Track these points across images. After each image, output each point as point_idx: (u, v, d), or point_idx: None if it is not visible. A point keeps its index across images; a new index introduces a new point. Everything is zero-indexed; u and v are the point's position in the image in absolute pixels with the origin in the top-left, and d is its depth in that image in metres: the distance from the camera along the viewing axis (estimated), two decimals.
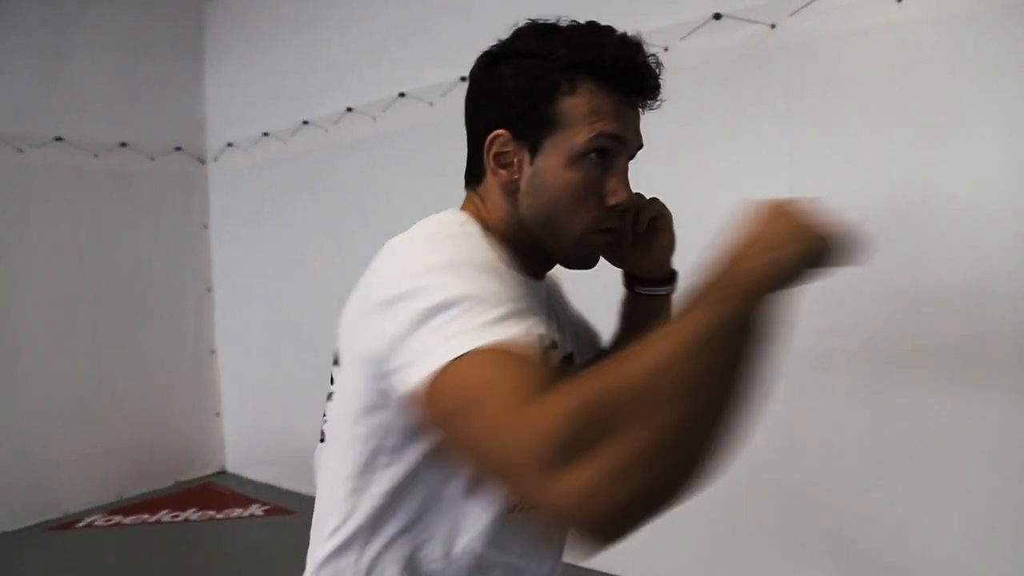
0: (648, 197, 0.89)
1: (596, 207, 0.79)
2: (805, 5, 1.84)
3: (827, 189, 1.83)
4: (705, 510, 2.09)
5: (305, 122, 3.10)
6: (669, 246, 0.91)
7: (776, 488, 1.97)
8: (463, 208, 0.85)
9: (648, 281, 0.92)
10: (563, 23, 0.80)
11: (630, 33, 0.79)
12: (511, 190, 0.80)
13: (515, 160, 0.79)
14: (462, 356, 0.58)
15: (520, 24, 0.81)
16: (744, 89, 1.97)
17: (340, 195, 3.03)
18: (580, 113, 0.76)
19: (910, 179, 1.74)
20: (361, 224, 2.93)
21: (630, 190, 0.81)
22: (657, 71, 0.79)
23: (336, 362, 0.78)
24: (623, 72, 0.77)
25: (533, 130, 0.78)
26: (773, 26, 1.89)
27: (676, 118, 2.05)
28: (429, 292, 0.63)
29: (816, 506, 1.91)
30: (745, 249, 0.59)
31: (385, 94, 2.78)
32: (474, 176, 0.84)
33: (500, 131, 0.79)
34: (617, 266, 0.90)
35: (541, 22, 0.81)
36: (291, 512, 2.98)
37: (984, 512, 1.66)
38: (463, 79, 2.92)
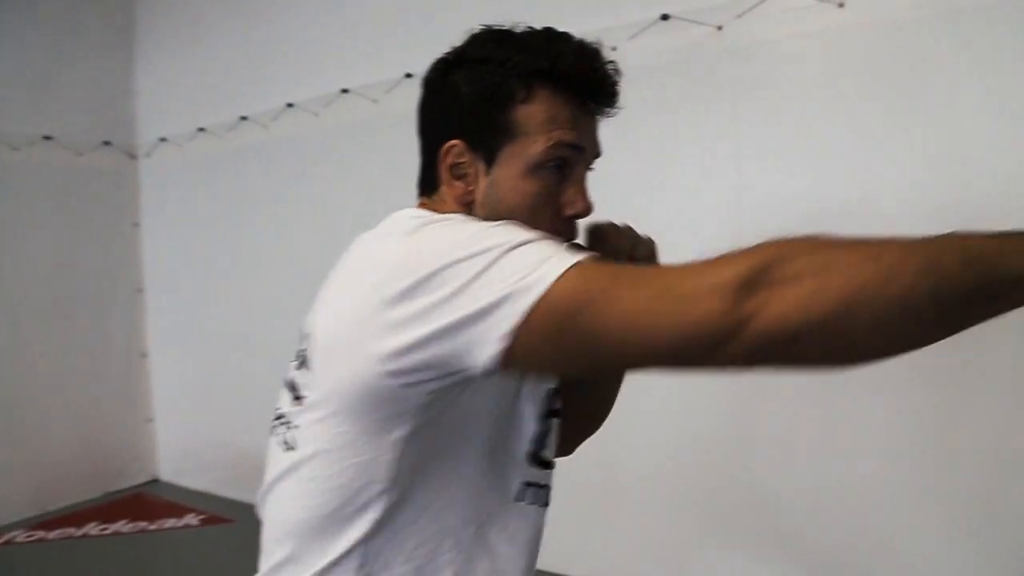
0: (645, 236, 0.87)
1: (553, 218, 0.76)
2: (751, 8, 1.86)
3: (772, 189, 1.89)
4: (660, 509, 2.11)
5: (243, 118, 3.00)
6: None
7: (731, 487, 1.99)
8: (425, 205, 0.81)
9: None
10: (520, 29, 0.78)
11: (588, 39, 0.78)
12: (466, 202, 0.78)
13: (471, 171, 0.77)
14: (574, 267, 0.59)
15: (476, 29, 0.80)
16: (691, 89, 1.98)
17: (280, 193, 2.94)
18: (537, 122, 0.74)
19: (852, 179, 1.78)
20: (302, 223, 2.85)
21: (589, 200, 0.79)
22: (615, 78, 0.78)
23: (304, 365, 0.74)
24: (581, 79, 0.75)
25: (489, 140, 0.76)
26: (720, 28, 1.91)
27: (623, 117, 2.07)
28: (484, 251, 0.61)
29: (771, 505, 1.93)
30: None
31: (327, 90, 2.70)
32: (428, 185, 0.81)
33: (455, 141, 0.77)
34: None
35: (497, 28, 0.79)
36: (229, 521, 2.87)
37: (940, 509, 1.70)
38: (408, 76, 2.89)
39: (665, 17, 1.97)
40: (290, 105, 2.84)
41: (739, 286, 0.52)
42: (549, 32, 0.77)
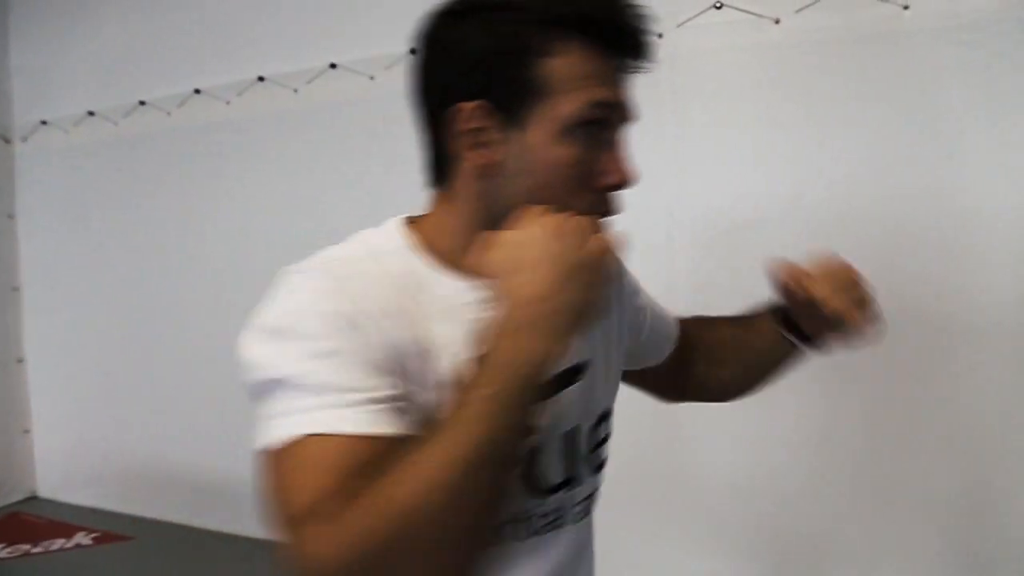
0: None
1: (586, 188, 0.69)
2: (690, 19, 1.91)
3: (711, 197, 1.95)
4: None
5: (142, 102, 2.76)
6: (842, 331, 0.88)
7: (658, 478, 2.03)
8: (425, 215, 0.76)
9: (799, 334, 0.91)
10: None
11: None
12: (488, 174, 0.69)
13: (494, 137, 0.67)
14: (285, 444, 0.57)
15: None
16: (633, 95, 2.00)
17: (183, 187, 2.73)
18: (568, 77, 0.66)
19: (783, 188, 1.87)
20: (207, 220, 2.67)
21: (627, 168, 0.72)
22: (648, 28, 0.70)
23: None
24: (614, 28, 0.68)
25: (514, 99, 0.66)
26: (660, 35, 1.94)
27: None
28: (269, 361, 0.61)
29: (698, 495, 1.99)
30: (511, 322, 0.58)
31: (242, 76, 2.53)
32: (441, 169, 0.73)
33: (476, 103, 0.67)
34: (795, 313, 0.89)
35: None
36: (127, 538, 2.65)
37: (872, 499, 1.80)
38: (332, 66, 2.75)
39: None
40: (198, 91, 2.64)
41: None
42: None
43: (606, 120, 0.69)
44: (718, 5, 1.89)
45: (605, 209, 0.72)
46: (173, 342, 2.79)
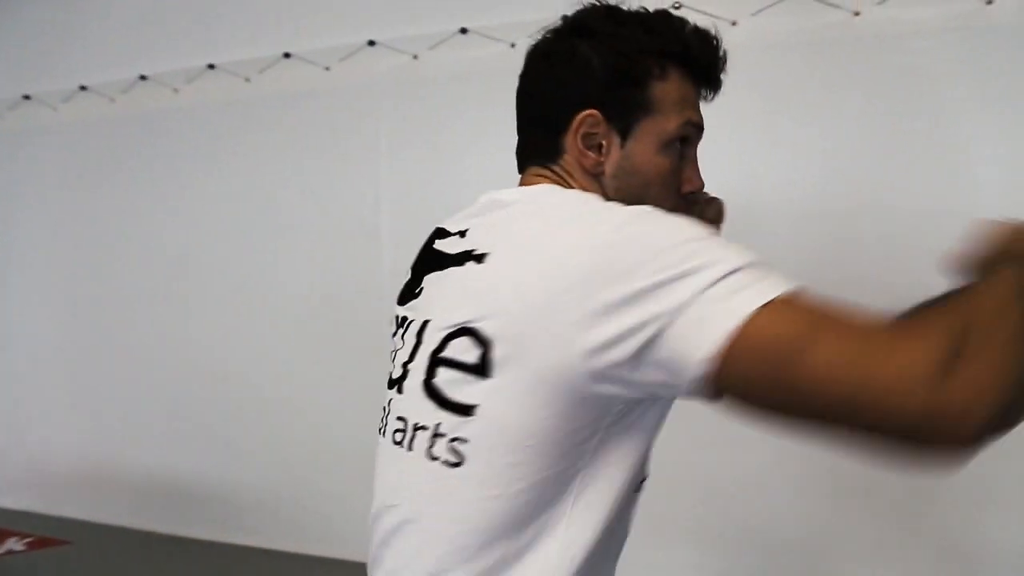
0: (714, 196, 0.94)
1: (675, 194, 0.82)
2: None
3: None
4: None
5: (83, 87, 2.65)
6: None
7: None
8: (563, 182, 0.82)
9: None
10: (627, 7, 0.84)
11: (700, 24, 0.84)
12: (595, 173, 0.81)
13: (604, 143, 0.80)
14: (769, 303, 0.59)
15: (583, 3, 0.84)
16: None
17: (127, 177, 2.64)
18: (671, 99, 0.79)
19: (738, 185, 1.89)
20: (153, 210, 2.59)
21: (702, 177, 0.86)
22: (726, 67, 0.86)
23: (477, 371, 0.70)
24: (705, 64, 0.82)
25: (626, 113, 0.79)
26: None
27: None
28: (702, 267, 0.61)
29: (667, 494, 1.99)
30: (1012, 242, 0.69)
31: (191, 63, 2.46)
32: (544, 154, 0.83)
33: (591, 111, 0.79)
34: None
35: (606, 3, 0.84)
36: (64, 542, 2.55)
37: (855, 493, 1.80)
38: (287, 55, 2.68)
39: None
40: (144, 78, 2.55)
41: (939, 374, 0.55)
42: (666, 14, 0.83)
43: (691, 137, 0.83)
44: (676, 6, 1.90)
45: (685, 210, 0.82)
46: (113, 336, 2.70)
